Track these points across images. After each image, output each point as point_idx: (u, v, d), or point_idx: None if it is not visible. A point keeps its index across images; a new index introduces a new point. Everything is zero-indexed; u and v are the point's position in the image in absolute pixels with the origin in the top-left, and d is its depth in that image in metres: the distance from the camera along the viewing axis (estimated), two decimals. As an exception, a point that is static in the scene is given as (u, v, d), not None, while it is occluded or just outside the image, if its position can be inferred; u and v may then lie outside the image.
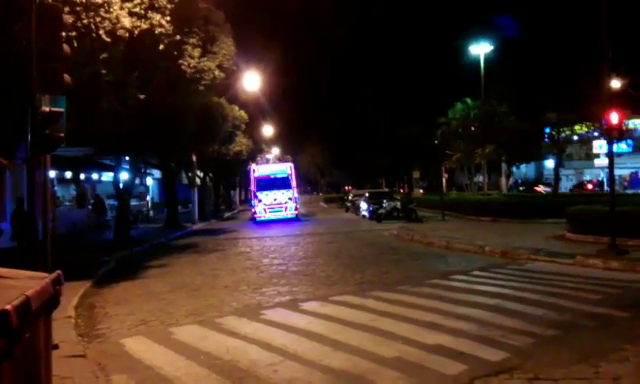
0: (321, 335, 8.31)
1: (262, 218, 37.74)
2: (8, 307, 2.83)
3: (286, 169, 40.37)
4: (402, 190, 69.71)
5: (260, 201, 38.35)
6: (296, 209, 39.09)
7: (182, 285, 13.82)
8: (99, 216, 29.49)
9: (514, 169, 63.56)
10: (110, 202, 33.44)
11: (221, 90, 22.93)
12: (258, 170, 39.99)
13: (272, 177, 39.25)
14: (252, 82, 38.89)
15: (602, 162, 51.23)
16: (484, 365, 6.71)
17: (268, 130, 64.45)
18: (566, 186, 57.45)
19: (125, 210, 23.94)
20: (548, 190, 54.81)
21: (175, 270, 16.57)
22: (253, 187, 39.55)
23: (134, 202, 32.87)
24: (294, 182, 39.67)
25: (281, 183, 38.93)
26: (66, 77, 9.38)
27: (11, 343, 2.87)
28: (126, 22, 13.05)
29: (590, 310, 9.33)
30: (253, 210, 39.55)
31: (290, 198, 38.69)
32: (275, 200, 38.34)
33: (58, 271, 4.17)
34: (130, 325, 9.76)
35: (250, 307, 10.67)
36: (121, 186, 24.17)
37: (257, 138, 54.97)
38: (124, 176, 25.35)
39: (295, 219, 38.27)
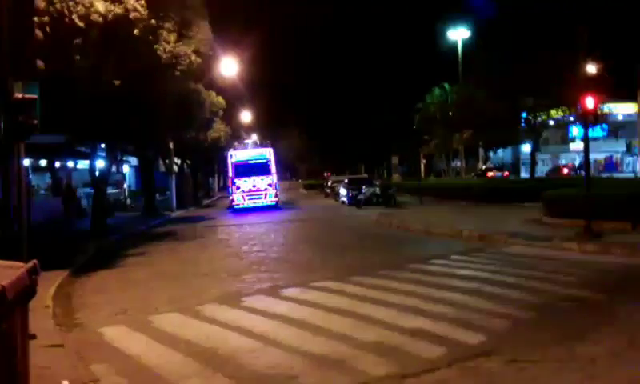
0: (302, 321, 8.32)
1: (241, 206, 35.91)
2: None
3: (266, 154, 38.49)
4: (390, 176, 69.88)
5: (238, 188, 36.38)
6: (276, 196, 37.15)
7: (161, 273, 13.74)
8: (70, 205, 28.87)
9: (491, 154, 64.09)
10: (85, 190, 32.98)
11: (198, 75, 22.68)
12: (236, 156, 38.14)
13: (251, 162, 37.23)
14: (229, 67, 37.95)
15: (578, 146, 51.91)
16: (463, 348, 6.78)
17: (246, 117, 64.09)
18: (542, 170, 58.07)
19: (101, 199, 23.67)
20: (499, 174, 56.05)
21: (154, 259, 16.47)
22: (230, 174, 37.55)
23: (110, 190, 32.47)
24: (273, 168, 37.55)
25: (260, 169, 36.87)
26: (39, 63, 9.23)
27: None
28: (100, 6, 12.86)
29: (566, 292, 9.46)
30: (230, 198, 37.50)
31: (269, 185, 36.63)
32: (254, 187, 36.29)
33: (34, 261, 4.11)
34: (108, 314, 9.66)
35: (231, 294, 10.63)
36: (97, 173, 23.88)
37: (235, 124, 54.62)
38: (100, 164, 25.02)
39: (275, 207, 36.50)
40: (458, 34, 40.28)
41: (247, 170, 36.73)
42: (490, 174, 55.98)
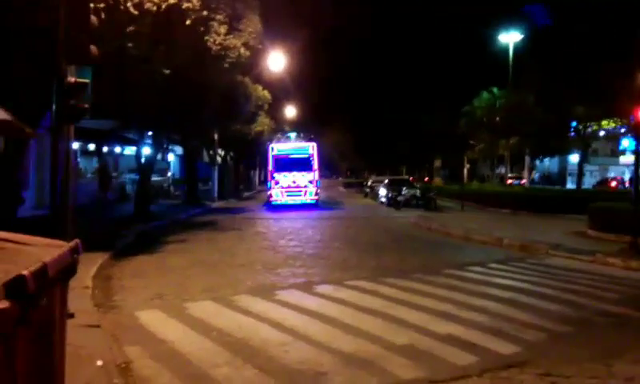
0: (333, 318, 8.33)
1: (279, 202, 33.95)
2: (25, 272, 2.85)
3: (308, 148, 36.11)
4: (426, 179, 69.20)
5: (277, 183, 34.24)
6: (316, 194, 34.80)
7: (199, 261, 13.90)
8: (105, 191, 29.28)
9: (538, 162, 62.89)
10: (131, 176, 33.66)
11: (245, 68, 22.87)
12: (277, 149, 35.99)
13: (292, 157, 34.99)
14: (277, 62, 37.98)
15: (628, 159, 50.37)
16: (495, 357, 6.67)
17: (291, 112, 64.31)
18: (589, 181, 56.71)
19: (145, 185, 24.11)
20: (516, 182, 54.78)
21: (193, 247, 16.69)
22: (270, 167, 35.11)
23: (155, 178, 33.06)
24: (315, 164, 35.21)
25: (301, 164, 34.65)
26: (93, 48, 9.41)
27: (27, 309, 2.90)
28: (154, -5, 13.07)
29: (607, 308, 9.23)
30: (269, 193, 35.19)
31: (310, 181, 34.36)
32: (294, 183, 34.19)
33: (76, 240, 4.20)
34: (145, 298, 9.84)
35: (265, 287, 10.72)
36: (143, 160, 24.31)
37: (279, 118, 54.88)
38: (146, 151, 25.49)
39: (315, 205, 34.35)
40: (510, 38, 39.51)
41: (288, 164, 34.61)
42: (509, 181, 54.87)
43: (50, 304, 3.62)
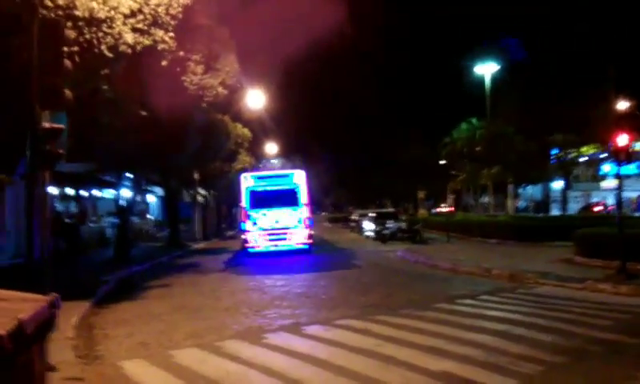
0: (324, 360, 8.06)
1: (258, 250, 26.16)
2: (2, 333, 2.69)
3: (293, 176, 27.88)
4: (416, 211, 69.18)
5: (255, 224, 26.39)
6: (309, 237, 26.81)
7: (183, 306, 13.56)
8: (61, 238, 25.34)
9: (521, 190, 63.34)
10: (110, 219, 33.16)
11: (224, 107, 22.84)
12: (253, 179, 27.75)
13: (273, 189, 27.20)
14: (256, 99, 38.14)
15: (609, 183, 50.85)
16: (494, 394, 6.46)
17: (272, 148, 64.35)
18: (573, 207, 57.08)
19: (126, 228, 23.73)
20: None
21: (176, 291, 16.34)
22: (244, 203, 27.09)
23: (134, 220, 32.61)
24: (305, 197, 27.07)
25: (286, 198, 26.80)
26: (67, 92, 9.23)
27: (5, 368, 2.74)
28: (129, 37, 12.92)
29: (600, 336, 9.09)
30: (243, 237, 27.05)
31: (299, 220, 26.53)
32: (277, 223, 26.46)
33: (55, 294, 4.02)
34: (129, 347, 9.53)
35: (252, 330, 10.41)
36: (121, 203, 23.98)
37: (260, 155, 54.84)
38: (125, 193, 25.17)
39: (306, 251, 26.61)
40: (486, 69, 40.03)
41: (268, 198, 26.80)
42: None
43: (29, 361, 3.45)
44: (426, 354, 8.20)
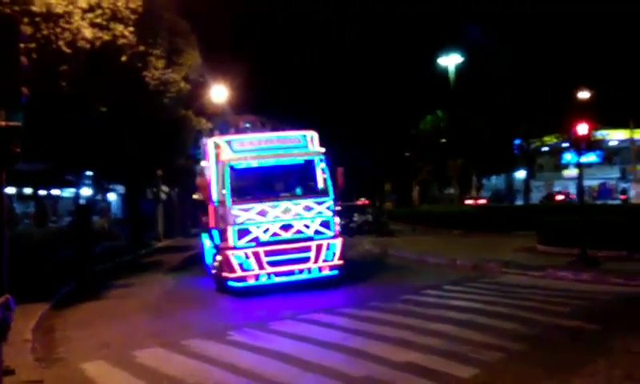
0: (290, 356, 8.04)
1: (250, 283, 13.66)
2: None
3: (308, 141, 15.41)
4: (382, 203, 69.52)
5: (243, 233, 13.71)
6: (341, 255, 14.45)
7: (146, 305, 13.39)
8: (40, 227, 26.60)
9: (485, 181, 64.08)
10: (71, 218, 32.50)
11: (187, 102, 22.55)
12: (230, 148, 14.65)
13: (273, 164, 14.73)
14: (220, 93, 37.50)
15: (571, 173, 51.77)
16: (455, 382, 6.59)
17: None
18: (536, 197, 57.99)
19: (86, 228, 23.27)
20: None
21: (139, 290, 16.09)
22: (215, 194, 14.59)
23: (96, 219, 31.98)
24: (328, 178, 14.76)
25: (299, 180, 15.19)
26: (24, 90, 8.99)
27: None
28: (88, 33, 12.69)
29: (561, 322, 9.26)
30: (218, 260, 14.51)
31: (327, 224, 14.40)
32: (287, 229, 14.02)
33: (7, 295, 3.92)
34: (90, 348, 9.36)
35: (217, 327, 10.32)
36: (81, 201, 23.54)
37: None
38: (86, 192, 24.70)
39: (334, 280, 14.48)
40: (450, 60, 40.30)
41: (266, 181, 14.90)
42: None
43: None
44: (392, 345, 8.27)
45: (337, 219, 14.71)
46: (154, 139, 20.83)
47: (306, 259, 13.91)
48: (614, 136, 48.11)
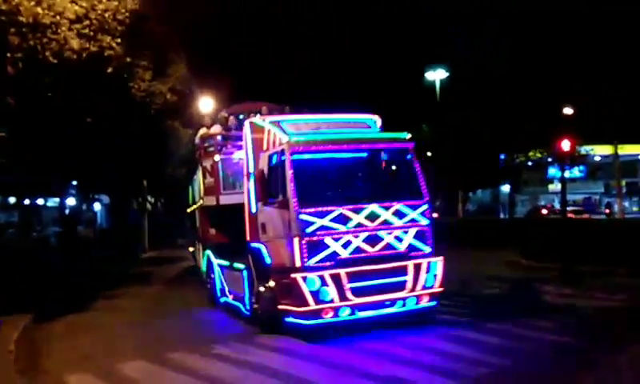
0: (276, 370, 7.98)
1: (327, 320, 9.60)
2: None
3: (377, 128, 11.85)
4: None
5: (317, 246, 9.64)
6: (441, 282, 10.66)
7: (131, 317, 13.29)
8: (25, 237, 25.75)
9: (471, 194, 64.38)
10: (55, 229, 32.22)
11: (174, 113, 22.47)
12: (286, 131, 10.40)
13: (347, 156, 11.00)
14: (207, 104, 37.18)
15: (556, 187, 52.15)
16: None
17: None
18: (521, 211, 58.33)
19: (71, 238, 23.11)
20: None
21: (123, 302, 15.94)
22: (254, 193, 11.15)
23: (81, 229, 31.67)
24: (420, 177, 10.85)
25: (376, 172, 11.55)
26: (10, 100, 8.98)
27: None
28: (74, 43, 12.63)
29: (545, 337, 9.27)
30: (266, 287, 10.60)
31: (420, 237, 10.48)
32: (373, 242, 10.00)
33: None
34: (74, 360, 9.29)
35: (202, 340, 10.24)
36: (67, 212, 23.36)
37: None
38: (71, 202, 24.53)
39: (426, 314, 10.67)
40: (436, 75, 40.61)
41: (341, 180, 11.15)
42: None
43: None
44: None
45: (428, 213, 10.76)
46: (139, 150, 20.75)
47: (401, 285, 9.99)
48: (598, 151, 48.51)
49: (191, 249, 20.68)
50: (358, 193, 10.70)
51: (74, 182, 25.22)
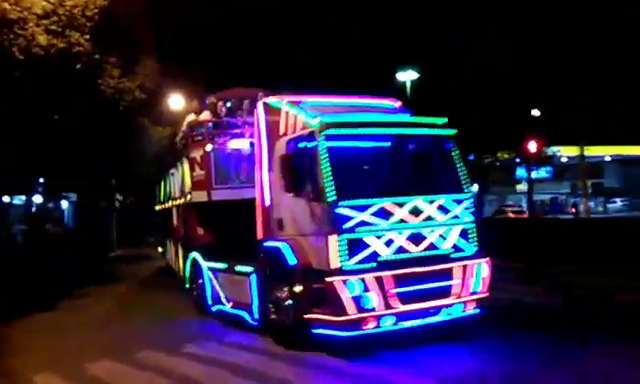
0: (251, 370, 7.97)
1: (368, 331, 8.26)
2: None
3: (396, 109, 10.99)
4: None
5: (358, 245, 8.33)
6: (488, 283, 9.25)
7: (98, 316, 13.16)
8: None
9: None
10: (21, 226, 31.63)
11: (144, 111, 22.25)
12: (314, 113, 9.05)
13: (384, 144, 9.69)
14: (177, 102, 36.84)
15: (524, 187, 52.90)
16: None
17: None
18: (488, 210, 59.12)
19: (37, 236, 22.75)
20: None
21: (91, 301, 15.76)
22: (268, 185, 9.94)
23: (48, 226, 31.10)
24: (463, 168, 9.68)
25: (414, 162, 10.01)
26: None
27: None
28: (42, 39, 12.49)
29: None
30: (293, 291, 8.91)
31: (464, 233, 9.21)
32: (417, 241, 8.80)
33: None
34: (43, 360, 9.16)
35: (171, 339, 10.19)
36: (34, 209, 23.02)
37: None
38: (37, 199, 24.15)
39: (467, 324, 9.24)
40: (407, 76, 40.91)
41: (380, 169, 9.78)
42: None
43: None
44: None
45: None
46: (108, 147, 20.53)
47: (446, 291, 8.77)
48: (565, 152, 49.35)
49: (160, 249, 20.41)
50: (398, 184, 9.28)
51: (41, 180, 24.81)
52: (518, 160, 39.98)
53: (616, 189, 57.71)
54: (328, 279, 8.00)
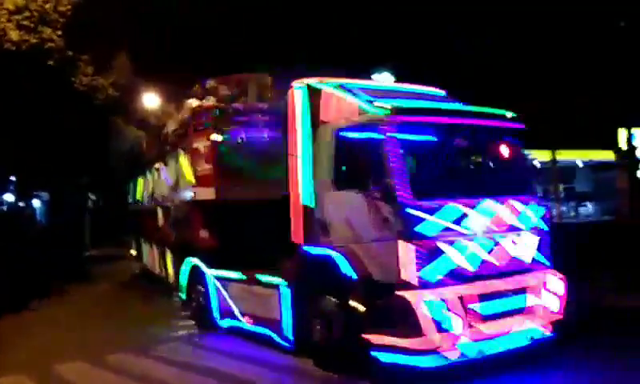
0: (224, 373, 7.86)
1: (448, 359, 6.61)
2: None
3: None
4: None
5: (435, 255, 6.79)
6: (565, 299, 7.80)
7: (69, 318, 12.93)
8: None
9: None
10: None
11: (117, 108, 22.02)
12: (389, 99, 7.54)
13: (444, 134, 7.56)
14: (151, 100, 36.44)
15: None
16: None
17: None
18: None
19: (10, 235, 22.33)
20: None
21: (63, 301, 15.54)
22: (305, 180, 8.26)
23: (20, 225, 30.56)
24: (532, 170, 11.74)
25: (484, 161, 8.85)
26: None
27: None
28: (14, 35, 12.32)
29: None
30: (355, 308, 7.23)
31: (540, 243, 7.83)
32: (499, 252, 7.33)
33: None
34: (12, 361, 8.99)
35: (145, 342, 10.02)
36: (4, 207, 22.65)
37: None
38: (8, 198, 23.78)
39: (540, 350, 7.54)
40: (382, 78, 41.15)
41: (442, 158, 7.43)
42: None
43: None
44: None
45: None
46: (81, 145, 20.31)
47: (530, 311, 7.48)
48: (537, 157, 49.95)
49: (134, 252, 19.76)
50: (476, 185, 7.90)
51: (12, 178, 24.42)
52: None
53: (587, 193, 58.83)
54: (401, 293, 6.56)
